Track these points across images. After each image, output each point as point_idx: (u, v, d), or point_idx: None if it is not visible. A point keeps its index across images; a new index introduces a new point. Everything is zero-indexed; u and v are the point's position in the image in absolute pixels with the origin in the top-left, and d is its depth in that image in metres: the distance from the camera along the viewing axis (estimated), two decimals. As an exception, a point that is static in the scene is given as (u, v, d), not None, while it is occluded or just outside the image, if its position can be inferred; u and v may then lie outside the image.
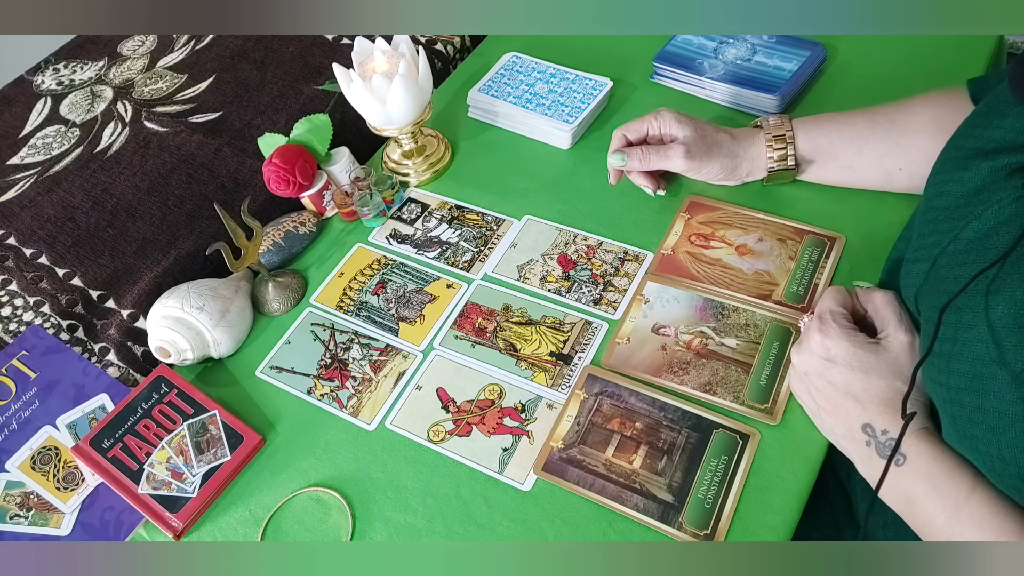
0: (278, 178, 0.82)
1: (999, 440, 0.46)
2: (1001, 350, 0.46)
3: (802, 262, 0.74)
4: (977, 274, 0.48)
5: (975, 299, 0.48)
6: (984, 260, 0.49)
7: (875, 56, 0.92)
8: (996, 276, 0.48)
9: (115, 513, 0.67)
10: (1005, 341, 0.46)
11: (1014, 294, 0.46)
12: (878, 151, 0.73)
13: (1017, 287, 0.46)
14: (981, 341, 0.47)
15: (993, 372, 0.46)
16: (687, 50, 0.94)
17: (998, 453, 0.47)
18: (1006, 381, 0.46)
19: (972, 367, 0.48)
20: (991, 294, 0.47)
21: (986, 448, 0.48)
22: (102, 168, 0.96)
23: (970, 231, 0.52)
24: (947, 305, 0.50)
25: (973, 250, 0.51)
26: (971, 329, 0.48)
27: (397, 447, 0.68)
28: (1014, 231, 0.48)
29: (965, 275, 0.49)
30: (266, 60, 1.08)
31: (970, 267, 0.50)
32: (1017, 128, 0.51)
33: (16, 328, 0.82)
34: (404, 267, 0.82)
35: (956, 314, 0.50)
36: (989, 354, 0.47)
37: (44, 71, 1.15)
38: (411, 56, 0.83)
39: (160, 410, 0.71)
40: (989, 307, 0.47)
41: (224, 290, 0.77)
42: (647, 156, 0.78)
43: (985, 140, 0.54)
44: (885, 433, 0.55)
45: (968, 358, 0.48)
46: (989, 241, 0.50)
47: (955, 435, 0.51)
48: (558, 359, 0.72)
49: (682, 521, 0.60)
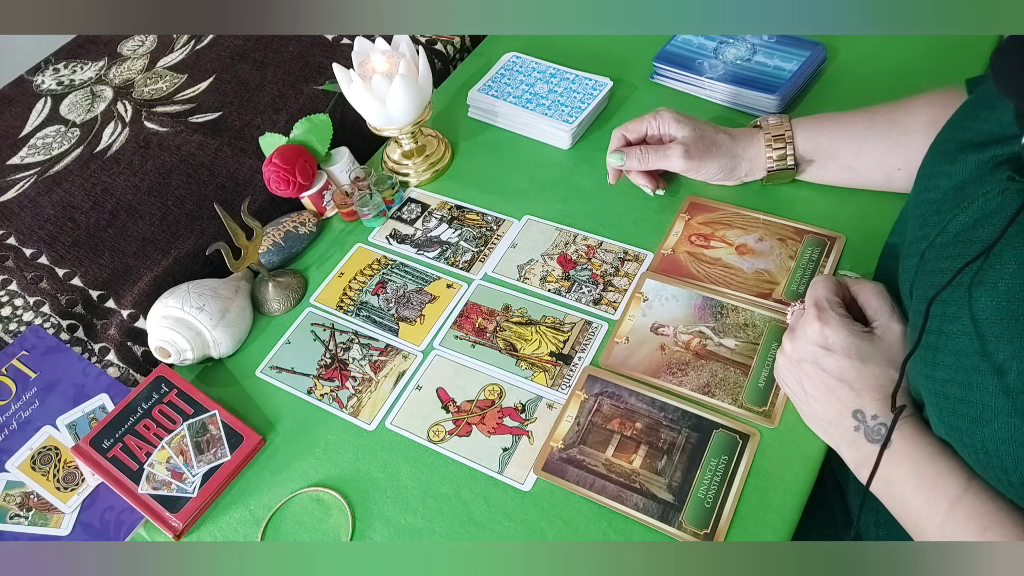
0: (278, 178, 0.82)
1: (982, 432, 0.47)
2: (984, 342, 0.46)
3: (802, 261, 0.74)
4: (962, 267, 0.48)
5: (959, 292, 0.49)
6: (969, 253, 0.49)
7: (875, 56, 0.92)
8: (980, 269, 0.48)
9: (115, 513, 0.67)
10: (988, 333, 0.46)
11: (996, 286, 0.46)
12: (877, 151, 0.73)
13: (1000, 279, 0.46)
14: (965, 333, 0.47)
15: (976, 364, 0.47)
16: (687, 50, 0.94)
17: (982, 445, 0.47)
18: (989, 373, 0.46)
19: (956, 359, 0.48)
20: (975, 286, 0.48)
21: (970, 440, 0.48)
22: (102, 168, 0.96)
23: (956, 224, 0.52)
24: (934, 298, 0.50)
25: (959, 243, 0.51)
26: (955, 321, 0.48)
27: (397, 447, 0.68)
28: (999, 223, 0.48)
29: (951, 268, 0.49)
30: (266, 60, 1.08)
31: (956, 260, 0.50)
32: (1004, 121, 0.52)
33: (16, 328, 0.82)
34: (404, 267, 0.82)
35: (942, 307, 0.50)
36: (972, 346, 0.47)
37: (44, 71, 1.15)
38: (411, 56, 0.83)
39: (160, 410, 0.72)
40: (973, 299, 0.47)
41: (224, 290, 0.77)
42: (646, 156, 0.78)
43: (973, 133, 0.54)
44: (875, 418, 0.56)
45: (952, 350, 0.48)
46: (975, 234, 0.50)
47: (941, 427, 0.51)
48: (558, 359, 0.72)
49: (682, 521, 0.60)
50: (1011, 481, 0.46)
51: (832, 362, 0.58)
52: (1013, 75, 0.48)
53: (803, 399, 0.61)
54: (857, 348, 0.57)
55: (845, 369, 0.57)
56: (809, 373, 0.59)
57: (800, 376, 0.60)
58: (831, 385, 0.58)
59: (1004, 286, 0.46)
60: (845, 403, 0.57)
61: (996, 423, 0.45)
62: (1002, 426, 0.45)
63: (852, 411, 0.57)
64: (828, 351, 0.58)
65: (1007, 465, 0.46)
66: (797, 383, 0.61)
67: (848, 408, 0.57)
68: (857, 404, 0.57)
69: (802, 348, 0.60)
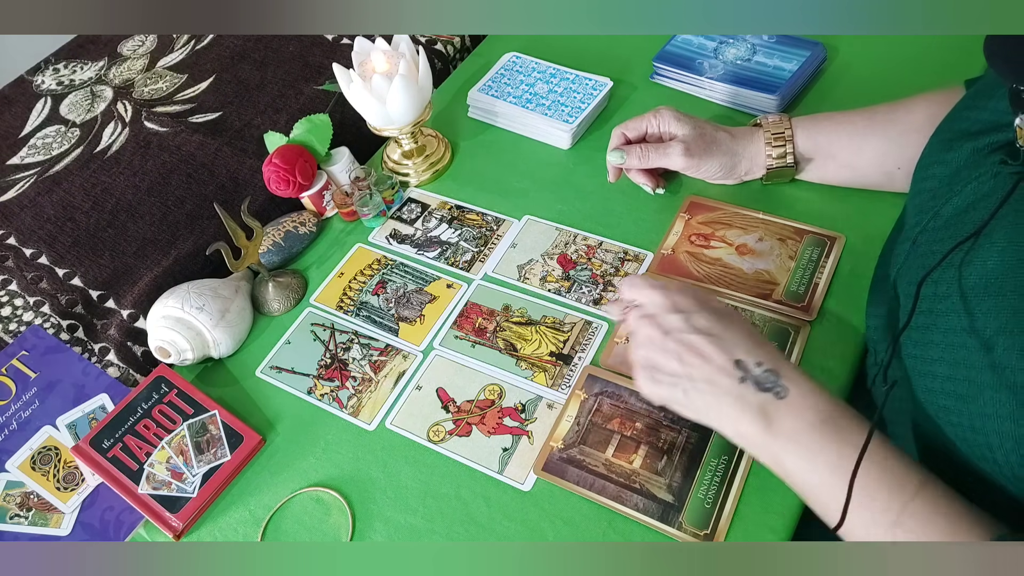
0: (278, 178, 0.82)
1: (969, 409, 0.47)
2: (972, 318, 0.46)
3: (802, 261, 0.74)
4: (954, 247, 0.48)
5: (950, 272, 0.49)
6: (961, 235, 0.49)
7: (875, 56, 0.92)
8: (971, 249, 0.48)
9: (115, 513, 0.67)
10: (976, 309, 0.46)
11: (985, 263, 0.46)
12: (877, 150, 0.73)
13: (988, 256, 0.46)
14: (954, 311, 0.48)
15: (964, 341, 0.47)
16: (687, 50, 0.94)
17: (968, 422, 0.47)
18: (976, 349, 0.46)
19: (945, 337, 0.48)
20: (965, 266, 0.48)
21: (957, 418, 0.48)
22: (102, 168, 0.96)
23: (949, 208, 0.52)
24: (925, 277, 0.50)
25: (951, 226, 0.51)
26: (945, 300, 0.48)
27: (397, 447, 0.68)
28: (991, 206, 0.48)
29: (942, 250, 0.49)
30: (266, 60, 1.08)
31: (947, 243, 0.50)
32: (1001, 109, 0.52)
33: (16, 328, 0.82)
34: (404, 267, 0.82)
35: (932, 287, 0.50)
36: (961, 323, 0.47)
37: (44, 71, 1.15)
38: (411, 56, 0.83)
39: (160, 410, 0.72)
40: (963, 278, 0.47)
41: (224, 290, 0.77)
42: (646, 154, 0.78)
43: (971, 122, 0.54)
44: (760, 365, 0.53)
45: (942, 328, 0.49)
46: (967, 216, 0.50)
47: (927, 406, 0.51)
48: (558, 359, 0.72)
49: (682, 521, 0.60)
50: (996, 459, 0.46)
51: (699, 319, 0.56)
52: (1007, 56, 0.48)
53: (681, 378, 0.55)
54: (704, 299, 0.57)
55: (711, 324, 0.55)
56: (684, 342, 0.55)
57: (677, 350, 0.55)
58: (703, 344, 0.55)
59: (992, 263, 0.46)
60: (724, 357, 0.54)
61: (982, 398, 0.45)
62: (988, 401, 0.45)
63: (734, 361, 0.54)
64: (686, 312, 0.56)
65: (992, 441, 0.46)
66: (676, 360, 0.55)
67: (729, 360, 0.54)
68: (734, 354, 0.54)
69: (665, 320, 0.56)
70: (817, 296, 0.71)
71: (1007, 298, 0.45)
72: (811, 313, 0.70)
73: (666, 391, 0.56)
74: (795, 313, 0.70)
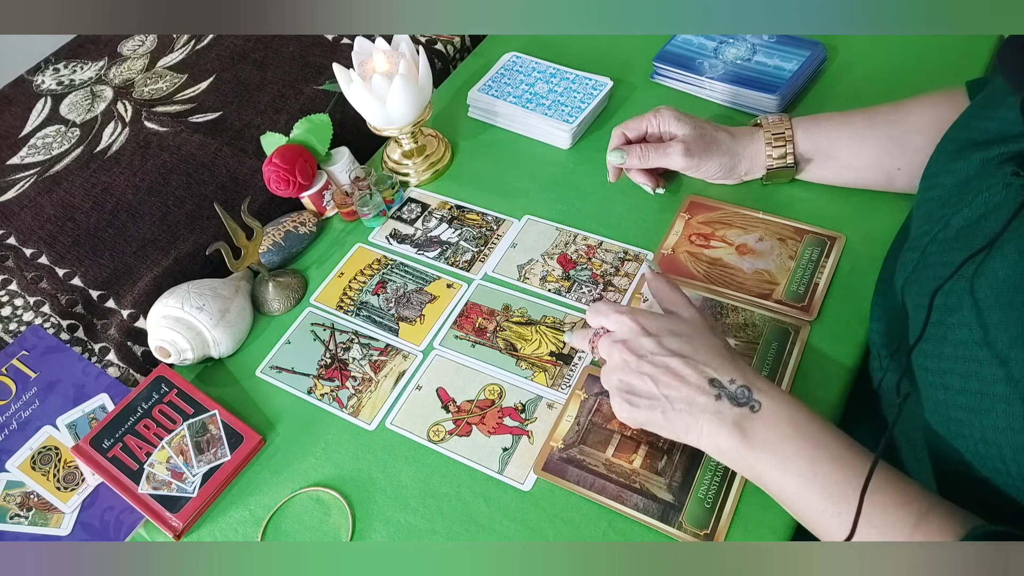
0: (278, 178, 0.82)
1: (981, 422, 0.46)
2: (985, 331, 0.46)
3: (802, 261, 0.74)
4: (965, 259, 0.48)
5: (961, 284, 0.49)
6: (972, 247, 0.49)
7: (875, 56, 0.92)
8: (983, 261, 0.48)
9: (115, 513, 0.67)
10: (988, 321, 0.46)
11: (997, 275, 0.46)
12: (877, 151, 0.73)
13: (1000, 268, 0.46)
14: (966, 324, 0.47)
15: (976, 353, 0.47)
16: (687, 50, 0.94)
17: (981, 435, 0.47)
18: (989, 361, 0.46)
19: (956, 350, 0.48)
20: (976, 278, 0.48)
21: (969, 431, 0.48)
22: (102, 168, 0.96)
23: (960, 219, 0.52)
24: (938, 289, 0.50)
25: (962, 237, 0.51)
26: (956, 312, 0.48)
27: (397, 447, 0.68)
28: (1002, 218, 0.48)
29: (953, 261, 0.49)
30: (266, 60, 1.08)
31: (958, 254, 0.50)
32: (1010, 119, 0.51)
33: (16, 328, 0.82)
34: (404, 267, 0.82)
35: (943, 298, 0.50)
36: (973, 336, 0.47)
37: (44, 71, 1.15)
38: (411, 56, 0.83)
39: (160, 410, 0.72)
40: (975, 290, 0.47)
41: (224, 290, 0.77)
42: (646, 153, 0.78)
43: (980, 132, 0.54)
44: (733, 382, 0.55)
45: (953, 341, 0.48)
46: (978, 227, 0.50)
47: (938, 419, 0.51)
48: (558, 359, 0.72)
49: (682, 521, 0.60)
50: (1009, 471, 0.46)
51: (670, 341, 0.57)
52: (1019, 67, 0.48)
53: (658, 400, 0.56)
54: (673, 324, 0.58)
55: (682, 345, 0.57)
56: (658, 364, 0.56)
57: (653, 372, 0.56)
58: (678, 366, 0.56)
59: (1004, 275, 0.46)
60: (698, 378, 0.55)
61: (995, 411, 0.45)
62: (1001, 414, 0.45)
63: (709, 380, 0.55)
64: (657, 336, 0.57)
65: (1005, 454, 0.46)
66: (652, 383, 0.56)
67: (703, 380, 0.55)
68: (708, 374, 0.55)
69: (638, 344, 0.57)
70: (817, 296, 0.71)
71: (1019, 310, 0.44)
72: (811, 313, 0.70)
73: (644, 414, 0.57)
74: (795, 313, 0.70)
